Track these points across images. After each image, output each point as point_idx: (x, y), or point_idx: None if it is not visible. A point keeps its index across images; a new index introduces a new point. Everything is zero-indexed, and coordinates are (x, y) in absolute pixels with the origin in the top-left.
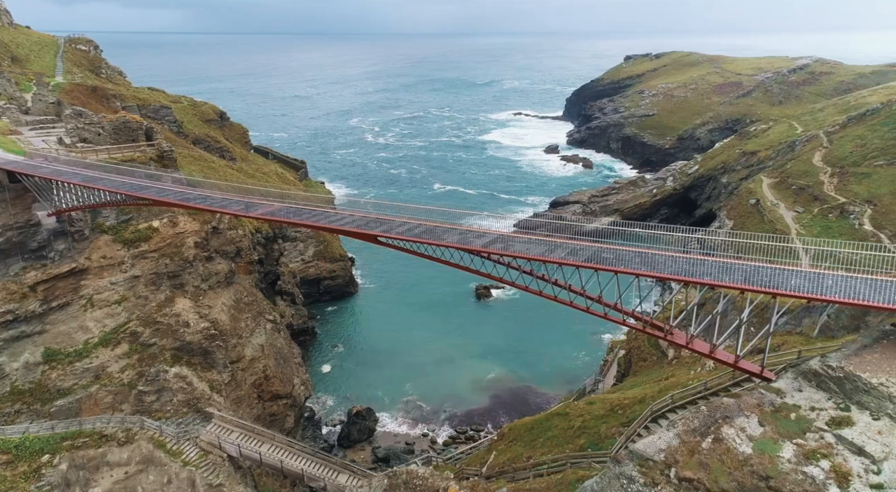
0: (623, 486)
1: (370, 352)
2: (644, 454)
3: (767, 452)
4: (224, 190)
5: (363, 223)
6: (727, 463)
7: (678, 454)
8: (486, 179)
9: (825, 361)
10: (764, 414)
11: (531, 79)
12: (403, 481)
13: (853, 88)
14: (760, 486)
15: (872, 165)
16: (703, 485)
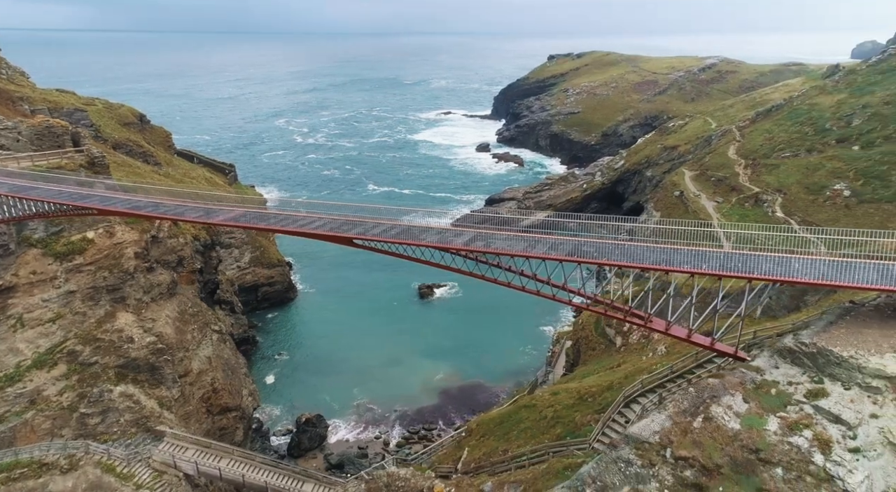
0: (621, 469)
1: (315, 358)
2: (639, 437)
3: (754, 426)
4: (181, 197)
5: (336, 226)
6: (718, 440)
7: (672, 435)
8: (420, 178)
9: (798, 338)
10: (747, 392)
11: (458, 78)
12: (385, 483)
13: (756, 86)
14: (751, 458)
15: (780, 157)
16: (699, 462)
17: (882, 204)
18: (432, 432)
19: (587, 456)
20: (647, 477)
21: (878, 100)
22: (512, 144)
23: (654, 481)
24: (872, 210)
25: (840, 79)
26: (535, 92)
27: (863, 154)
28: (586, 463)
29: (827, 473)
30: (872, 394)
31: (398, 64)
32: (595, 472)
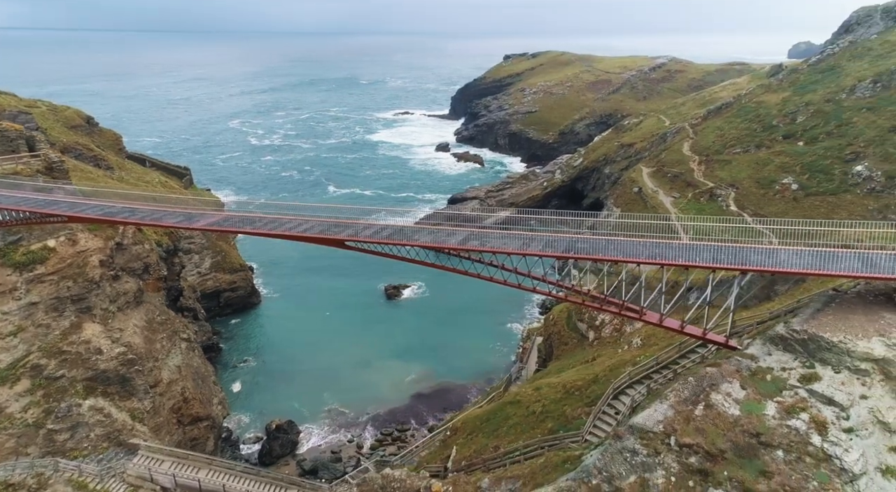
0: (627, 459)
1: (282, 364)
2: (644, 427)
3: (754, 412)
4: (161, 202)
5: (325, 228)
6: (720, 426)
7: (675, 423)
8: (380, 178)
9: (789, 326)
10: (744, 379)
11: (415, 78)
12: (380, 485)
13: (703, 85)
14: (752, 443)
15: (731, 153)
16: (703, 448)
17: (827, 196)
18: (406, 433)
19: (584, 448)
20: (653, 465)
21: (820, 98)
22: (471, 143)
23: (661, 469)
24: (818, 202)
25: (783, 78)
26: (493, 91)
27: (807, 149)
28: (588, 455)
29: (825, 453)
30: (861, 376)
31: (354, 63)
32: (601, 463)
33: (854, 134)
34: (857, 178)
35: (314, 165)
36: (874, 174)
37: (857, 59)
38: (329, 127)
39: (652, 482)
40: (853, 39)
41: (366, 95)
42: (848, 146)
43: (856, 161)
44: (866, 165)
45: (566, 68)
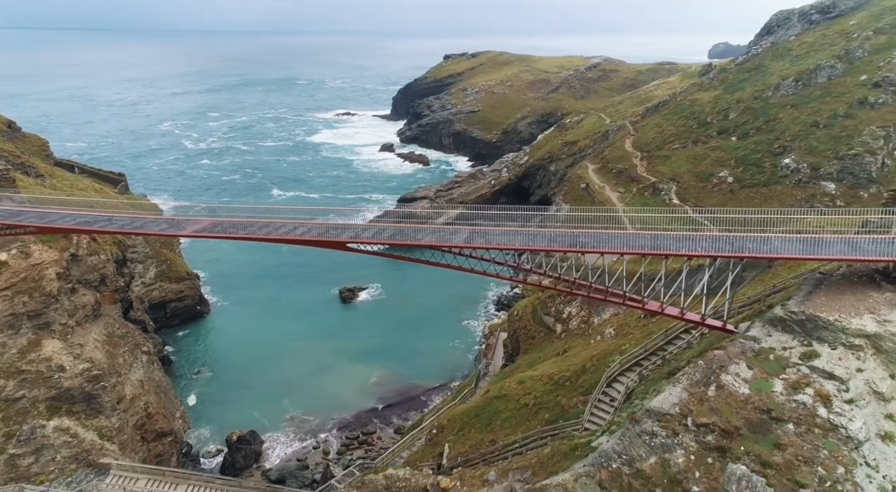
0: (646, 441)
1: (237, 373)
2: (661, 410)
3: (763, 390)
4: (146, 210)
5: (322, 231)
6: (733, 405)
7: (690, 405)
8: (325, 180)
9: (787, 308)
10: (749, 359)
11: (354, 78)
12: (384, 485)
13: (636, 84)
14: (764, 418)
15: (671, 149)
16: (718, 426)
17: (759, 188)
18: (372, 436)
19: (590, 436)
20: (672, 446)
21: (748, 95)
22: (415, 143)
23: (680, 449)
24: (752, 194)
25: (714, 77)
26: (435, 91)
27: (740, 144)
28: (603, 440)
29: (831, 423)
30: (855, 351)
31: (291, 64)
32: (619, 447)
33: (781, 129)
34: (785, 170)
35: (255, 168)
36: (801, 166)
37: (779, 59)
38: (268, 129)
39: (672, 462)
40: (774, 40)
41: (305, 96)
42: (776, 141)
43: (783, 154)
44: (793, 158)
45: (505, 68)
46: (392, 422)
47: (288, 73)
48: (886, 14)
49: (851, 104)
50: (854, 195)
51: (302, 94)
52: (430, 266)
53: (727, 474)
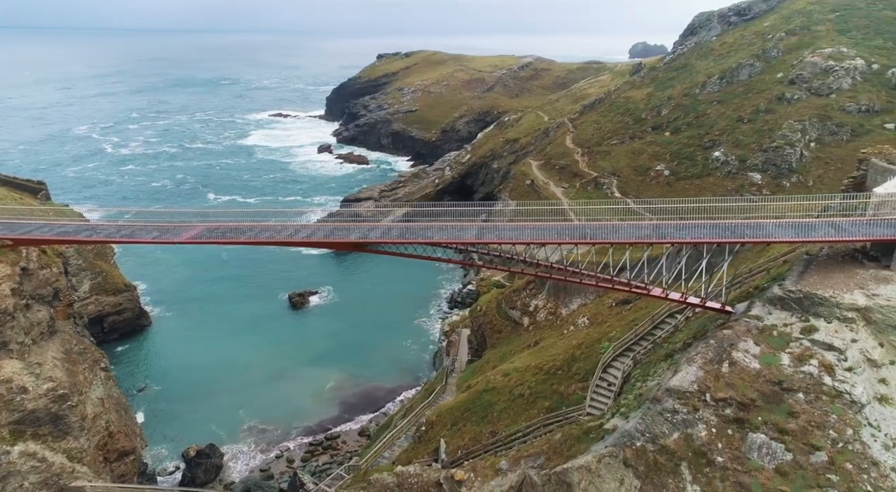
0: (668, 419)
1: (187, 387)
2: (680, 388)
3: (772, 363)
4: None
5: (329, 232)
6: (746, 379)
7: (707, 382)
8: (262, 184)
9: (785, 287)
10: (755, 336)
11: (283, 78)
12: (395, 483)
13: (567, 82)
14: (776, 390)
15: (610, 144)
16: (735, 400)
17: (693, 180)
18: (336, 441)
19: (599, 419)
20: (694, 421)
21: (679, 92)
22: (353, 143)
23: (701, 424)
24: (688, 186)
25: (645, 75)
26: (370, 91)
27: (673, 139)
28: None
29: (836, 390)
30: (849, 324)
31: (216, 63)
32: (642, 426)
33: (710, 124)
34: (716, 162)
35: (186, 172)
36: (729, 159)
37: (703, 58)
38: (196, 131)
39: (695, 436)
40: (698, 41)
41: (233, 97)
42: (706, 135)
43: (713, 148)
44: (722, 151)
45: (440, 68)
46: (355, 425)
47: (213, 73)
48: (795, 17)
49: (771, 100)
50: (778, 185)
51: (229, 96)
52: (380, 267)
53: (748, 442)
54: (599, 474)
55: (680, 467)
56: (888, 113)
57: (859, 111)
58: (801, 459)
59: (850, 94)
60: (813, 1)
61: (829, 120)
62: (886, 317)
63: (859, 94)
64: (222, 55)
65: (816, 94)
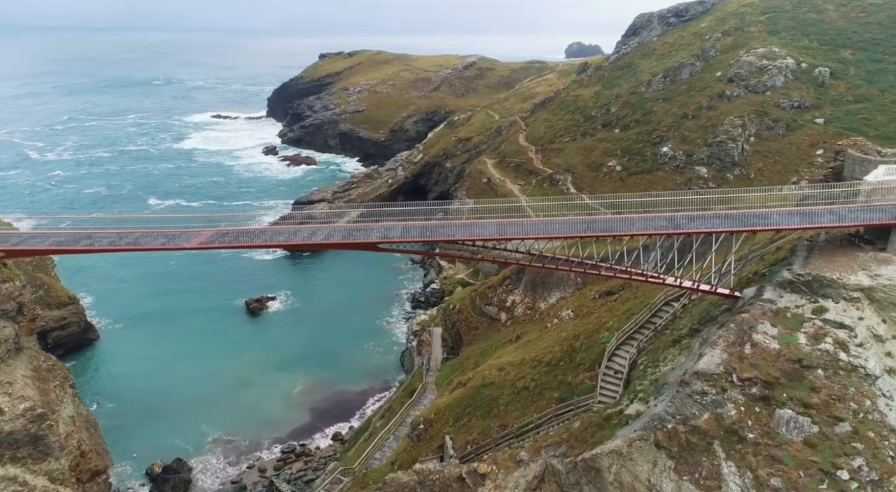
0: (697, 400)
1: (144, 401)
2: (707, 371)
3: (790, 343)
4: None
5: (346, 234)
6: (768, 359)
7: (732, 363)
8: (207, 187)
9: (793, 271)
10: (772, 319)
11: (219, 78)
12: (417, 481)
13: (512, 81)
14: (797, 367)
15: (562, 142)
16: (760, 379)
17: (644, 175)
18: (309, 447)
19: (616, 405)
20: (722, 401)
21: (625, 91)
22: (300, 145)
23: (730, 403)
24: (639, 180)
25: (591, 74)
26: (313, 91)
27: (623, 136)
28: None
29: (852, 365)
30: (855, 303)
31: (147, 63)
32: (672, 408)
33: (656, 121)
34: (664, 157)
35: (122, 177)
36: (677, 154)
37: (646, 58)
38: (127, 134)
39: (725, 415)
40: (640, 41)
41: (166, 98)
42: (654, 131)
43: (661, 144)
44: (670, 147)
45: (385, 67)
46: (327, 430)
47: (143, 73)
48: (729, 18)
49: (712, 97)
50: (723, 178)
51: (162, 97)
52: (339, 269)
53: (776, 418)
54: (631, 458)
55: (713, 445)
56: (817, 109)
57: (792, 107)
58: (826, 430)
59: (783, 91)
60: (744, 4)
61: (766, 116)
62: (889, 295)
63: (791, 91)
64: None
65: (753, 91)
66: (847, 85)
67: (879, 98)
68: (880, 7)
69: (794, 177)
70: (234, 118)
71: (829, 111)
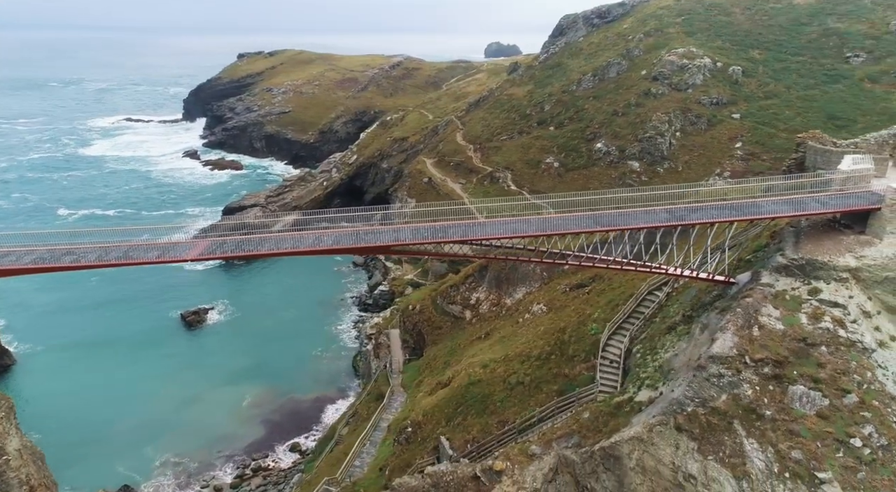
0: (714, 383)
1: (77, 429)
2: (721, 354)
3: (793, 323)
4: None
5: (355, 239)
6: (776, 339)
7: (744, 346)
8: (123, 196)
9: (787, 255)
10: (773, 301)
11: (121, 79)
12: (430, 484)
13: (439, 81)
14: (802, 346)
15: (500, 140)
16: (771, 359)
17: (581, 170)
18: (266, 460)
19: (623, 393)
20: (738, 382)
21: (557, 89)
22: (223, 148)
23: (745, 384)
24: (577, 176)
25: (523, 73)
26: (233, 92)
27: (559, 133)
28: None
29: (850, 340)
30: (844, 283)
31: (40, 63)
32: (690, 392)
33: (589, 118)
34: (599, 153)
35: (24, 189)
36: (610, 149)
37: (574, 57)
38: (27, 140)
39: (742, 395)
40: (567, 41)
41: (67, 101)
42: (587, 128)
43: (595, 140)
44: (604, 143)
45: (309, 67)
46: (284, 442)
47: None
48: (649, 20)
49: (639, 95)
50: (654, 171)
51: (63, 99)
52: (278, 275)
53: (789, 394)
54: (653, 443)
55: (733, 424)
56: (733, 105)
57: (712, 103)
58: (836, 402)
59: (702, 88)
60: (661, 6)
61: (689, 112)
62: (873, 274)
63: (710, 88)
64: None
65: (676, 89)
66: (757, 82)
67: (786, 94)
68: (780, 11)
69: (717, 168)
70: (146, 122)
71: (744, 107)
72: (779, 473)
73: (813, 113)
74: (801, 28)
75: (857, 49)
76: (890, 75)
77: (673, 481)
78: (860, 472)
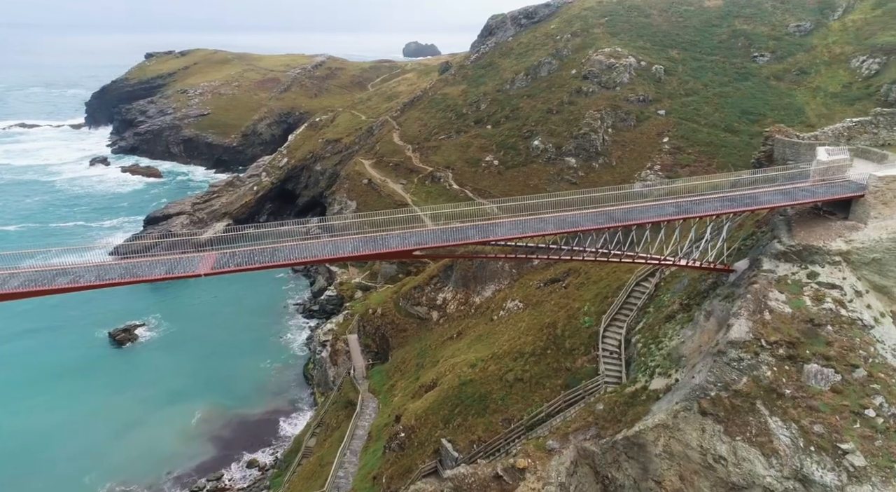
0: (735, 367)
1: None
2: (739, 339)
3: (800, 306)
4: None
5: (361, 244)
6: (786, 322)
7: (759, 330)
8: (24, 208)
9: (784, 242)
10: (777, 286)
11: (12, 80)
12: (451, 488)
13: (363, 81)
14: (811, 326)
15: (438, 140)
16: (784, 341)
17: (520, 167)
18: (222, 479)
19: (635, 382)
20: (757, 365)
21: (491, 88)
22: (135, 153)
23: (764, 365)
24: (516, 173)
25: (455, 73)
26: (143, 94)
27: (496, 132)
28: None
29: (851, 318)
30: (837, 266)
31: None
32: (712, 377)
33: (525, 116)
34: (536, 150)
35: None
36: (547, 147)
37: (505, 57)
38: None
39: (762, 376)
40: (497, 40)
41: None
42: (523, 126)
43: (532, 138)
44: (540, 140)
45: (226, 67)
46: (239, 458)
47: None
48: (574, 20)
49: (571, 93)
50: (590, 167)
51: None
52: (212, 286)
53: (805, 373)
54: (679, 428)
55: (756, 404)
56: (658, 102)
57: (639, 101)
58: (847, 377)
59: (630, 86)
60: (585, 7)
61: (619, 109)
62: (861, 256)
63: (637, 86)
64: None
65: (606, 87)
66: (678, 80)
67: (704, 91)
68: (693, 13)
69: (648, 162)
70: (42, 127)
71: (668, 104)
72: (804, 447)
73: (729, 108)
74: (713, 29)
75: (763, 49)
76: (791, 74)
77: (703, 463)
78: (877, 440)
